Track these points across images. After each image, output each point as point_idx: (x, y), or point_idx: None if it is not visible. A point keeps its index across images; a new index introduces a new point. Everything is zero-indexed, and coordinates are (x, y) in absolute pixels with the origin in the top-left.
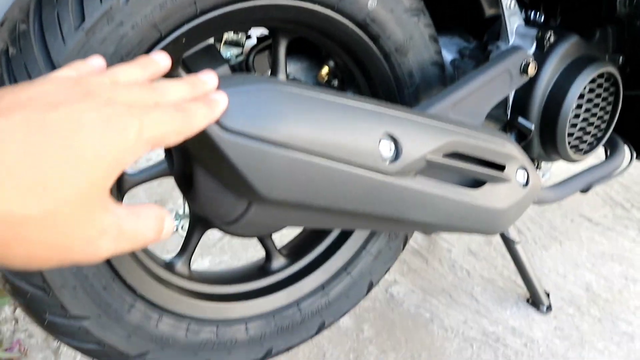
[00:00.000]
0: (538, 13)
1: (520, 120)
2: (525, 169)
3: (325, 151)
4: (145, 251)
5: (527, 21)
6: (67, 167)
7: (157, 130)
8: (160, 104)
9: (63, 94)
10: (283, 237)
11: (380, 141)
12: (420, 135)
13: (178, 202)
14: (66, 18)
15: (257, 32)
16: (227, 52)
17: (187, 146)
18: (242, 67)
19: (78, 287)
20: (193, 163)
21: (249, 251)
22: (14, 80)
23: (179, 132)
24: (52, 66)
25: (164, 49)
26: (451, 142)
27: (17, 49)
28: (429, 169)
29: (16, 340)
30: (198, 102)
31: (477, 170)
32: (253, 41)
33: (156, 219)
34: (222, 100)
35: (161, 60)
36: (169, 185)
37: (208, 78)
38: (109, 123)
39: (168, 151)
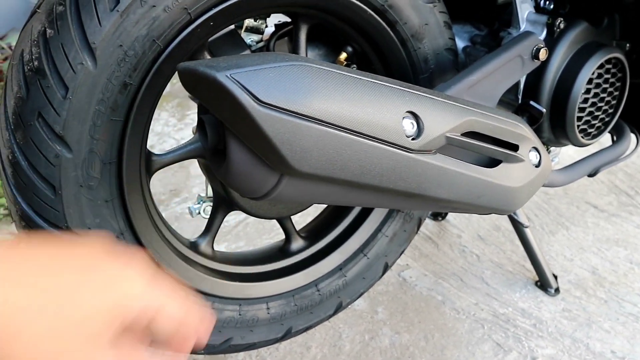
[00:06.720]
0: (547, 0)
1: (533, 103)
2: (538, 150)
3: (352, 126)
4: (171, 230)
5: (537, 8)
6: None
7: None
8: None
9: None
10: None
11: (403, 118)
12: (441, 114)
13: (192, 191)
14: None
15: (274, 20)
16: (248, 39)
17: (223, 120)
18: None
19: None
20: (227, 137)
21: (263, 237)
22: (51, 60)
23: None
24: (89, 47)
25: (193, 32)
26: (469, 121)
27: (55, 30)
28: (448, 147)
29: None
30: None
31: (493, 149)
32: (271, 29)
33: None
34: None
35: None
36: (182, 175)
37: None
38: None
39: (201, 127)
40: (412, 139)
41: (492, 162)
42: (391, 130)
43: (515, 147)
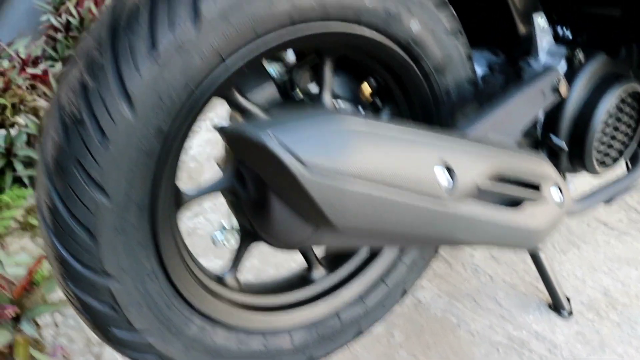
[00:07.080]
0: (566, 30)
1: (554, 139)
2: (559, 186)
3: (391, 182)
4: (199, 265)
5: (556, 38)
6: None
7: None
8: None
9: None
10: None
11: (436, 170)
12: (472, 163)
13: (203, 205)
14: (139, 48)
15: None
16: (270, 68)
17: (267, 179)
18: (286, 84)
19: (143, 304)
20: (269, 195)
21: (277, 256)
22: (90, 109)
23: None
24: (127, 96)
25: (224, 74)
26: (497, 167)
27: (94, 79)
28: (475, 191)
29: (58, 346)
30: None
31: (521, 194)
32: (293, 55)
33: None
34: None
35: None
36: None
37: None
38: None
39: (239, 174)
40: (446, 190)
41: (513, 201)
42: (426, 184)
43: (536, 186)
